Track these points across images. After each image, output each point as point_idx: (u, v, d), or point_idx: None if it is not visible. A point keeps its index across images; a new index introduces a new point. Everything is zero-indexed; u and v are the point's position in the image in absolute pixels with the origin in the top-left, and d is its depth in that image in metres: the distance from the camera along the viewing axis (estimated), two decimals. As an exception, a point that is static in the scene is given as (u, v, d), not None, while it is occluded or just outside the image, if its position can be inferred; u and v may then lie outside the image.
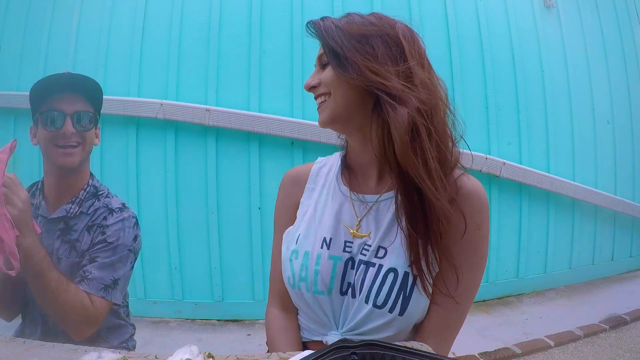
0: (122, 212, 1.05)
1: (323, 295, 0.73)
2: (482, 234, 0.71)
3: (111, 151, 2.49)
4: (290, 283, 0.76)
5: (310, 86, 0.73)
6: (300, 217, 0.80)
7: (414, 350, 0.52)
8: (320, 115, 0.73)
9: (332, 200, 0.78)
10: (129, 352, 0.69)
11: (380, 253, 0.71)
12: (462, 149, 0.74)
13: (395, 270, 0.69)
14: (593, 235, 3.16)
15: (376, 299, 0.69)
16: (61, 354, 0.68)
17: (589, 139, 3.12)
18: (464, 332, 0.77)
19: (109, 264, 1.00)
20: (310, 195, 0.82)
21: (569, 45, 3.08)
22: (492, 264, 2.78)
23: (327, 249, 0.74)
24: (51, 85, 0.99)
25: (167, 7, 2.56)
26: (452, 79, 2.71)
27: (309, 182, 0.83)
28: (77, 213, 1.03)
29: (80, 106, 1.01)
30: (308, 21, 0.75)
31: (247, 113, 2.44)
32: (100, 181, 1.12)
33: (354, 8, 2.96)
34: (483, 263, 0.73)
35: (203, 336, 2.31)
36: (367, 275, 0.70)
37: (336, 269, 0.73)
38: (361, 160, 0.77)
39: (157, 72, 2.52)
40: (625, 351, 2.12)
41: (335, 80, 0.70)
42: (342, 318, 0.74)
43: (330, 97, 0.71)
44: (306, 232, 0.77)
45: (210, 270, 2.50)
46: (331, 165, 0.84)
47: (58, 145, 0.99)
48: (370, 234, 0.73)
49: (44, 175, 1.06)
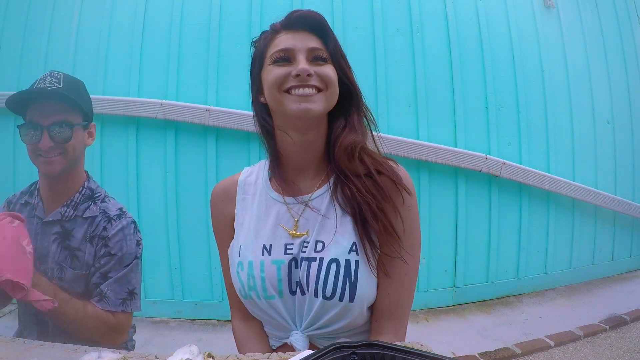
0: (120, 220, 1.04)
1: (274, 299, 0.75)
2: (412, 202, 0.77)
3: (111, 151, 2.49)
4: (242, 294, 0.77)
5: (308, 73, 0.71)
6: (238, 228, 0.81)
7: (414, 350, 0.52)
8: (314, 109, 0.71)
9: (266, 207, 0.79)
10: (128, 352, 0.68)
11: (319, 247, 0.74)
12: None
13: (337, 260, 0.71)
14: (593, 235, 3.16)
15: (324, 291, 0.71)
16: (61, 354, 0.68)
17: (589, 139, 3.12)
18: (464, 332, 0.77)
19: (122, 278, 1.01)
20: (243, 205, 0.82)
21: (569, 45, 3.08)
22: (492, 264, 2.78)
23: (269, 254, 0.76)
24: (26, 96, 0.96)
25: (167, 7, 2.56)
26: (452, 79, 2.72)
27: (239, 192, 0.83)
28: (73, 216, 1.03)
29: (58, 116, 0.96)
30: (310, 12, 0.75)
31: (247, 113, 2.43)
32: (97, 182, 1.11)
33: (353, 8, 2.96)
34: (418, 227, 0.78)
35: (203, 336, 2.31)
36: (311, 270, 0.73)
37: (281, 272, 0.74)
38: (299, 160, 0.78)
39: (157, 72, 2.52)
40: (625, 351, 2.12)
41: (334, 78, 0.74)
42: (298, 317, 0.75)
43: (327, 92, 0.73)
44: (246, 242, 0.78)
45: (210, 270, 2.50)
46: (257, 173, 0.84)
47: (39, 155, 0.97)
48: (308, 231, 0.75)
49: (38, 177, 1.06)
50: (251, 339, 0.82)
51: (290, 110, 0.71)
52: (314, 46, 0.74)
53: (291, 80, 0.71)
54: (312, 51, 0.73)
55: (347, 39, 2.56)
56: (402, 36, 2.66)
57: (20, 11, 2.68)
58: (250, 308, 0.79)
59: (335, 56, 0.75)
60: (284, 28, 0.75)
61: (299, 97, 0.71)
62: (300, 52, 0.73)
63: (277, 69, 0.72)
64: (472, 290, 2.74)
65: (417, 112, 2.64)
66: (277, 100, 0.72)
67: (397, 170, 0.77)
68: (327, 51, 0.75)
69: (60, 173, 1.00)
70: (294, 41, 0.73)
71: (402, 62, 2.65)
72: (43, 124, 0.95)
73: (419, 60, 2.66)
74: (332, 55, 0.75)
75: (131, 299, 1.03)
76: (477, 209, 2.74)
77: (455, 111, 2.71)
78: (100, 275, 1.01)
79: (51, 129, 0.95)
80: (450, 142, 2.67)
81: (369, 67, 2.58)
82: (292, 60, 0.73)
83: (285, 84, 0.72)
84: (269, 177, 0.82)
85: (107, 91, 2.51)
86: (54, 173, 0.99)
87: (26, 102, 0.97)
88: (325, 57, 0.74)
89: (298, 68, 0.70)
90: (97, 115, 2.42)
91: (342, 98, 0.77)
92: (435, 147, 2.59)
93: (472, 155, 2.65)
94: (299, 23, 0.74)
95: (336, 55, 0.75)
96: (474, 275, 2.74)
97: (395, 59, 2.64)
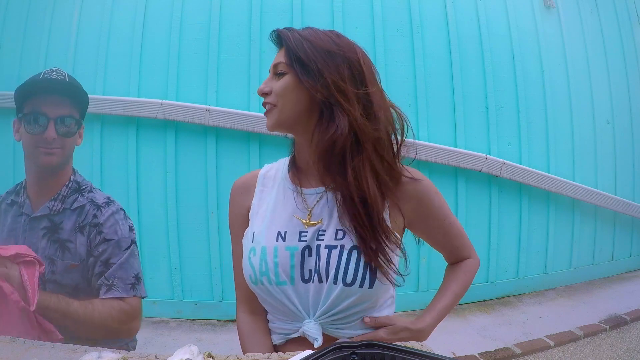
0: (109, 206, 1.04)
1: (286, 286, 0.76)
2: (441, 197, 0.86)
3: (111, 151, 2.49)
4: (253, 280, 0.78)
5: (263, 92, 0.78)
6: (253, 217, 0.84)
7: (414, 350, 0.52)
8: (268, 121, 0.79)
9: (283, 197, 0.83)
10: (128, 352, 0.69)
11: (339, 235, 0.76)
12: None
13: (358, 248, 0.74)
14: (593, 235, 3.16)
15: (345, 277, 0.73)
16: (61, 354, 0.68)
17: (589, 139, 3.12)
18: (464, 332, 0.78)
19: (125, 262, 1.01)
20: (261, 196, 0.86)
21: (569, 45, 3.08)
22: (492, 264, 2.78)
23: (283, 241, 0.78)
24: (37, 86, 0.98)
25: (167, 7, 2.56)
26: (452, 79, 2.72)
27: (258, 185, 0.87)
28: (61, 209, 1.02)
29: (64, 110, 0.99)
30: (273, 30, 0.79)
31: (247, 113, 2.44)
32: (83, 176, 1.11)
33: (354, 8, 2.95)
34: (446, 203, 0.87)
35: (203, 336, 2.31)
36: (331, 257, 0.74)
37: (294, 258, 0.76)
38: (307, 157, 0.81)
39: (157, 72, 2.52)
40: (625, 351, 2.12)
41: (287, 89, 0.75)
42: (313, 305, 0.76)
43: (277, 107, 0.77)
44: (260, 229, 0.81)
45: (210, 270, 2.50)
46: (277, 168, 0.89)
47: (39, 146, 0.98)
48: (322, 220, 0.78)
49: (25, 173, 1.06)
50: (256, 334, 0.82)
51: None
52: (277, 62, 0.78)
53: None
54: (275, 67, 0.78)
55: (347, 39, 2.56)
56: (402, 36, 2.67)
57: (20, 11, 2.68)
58: (260, 295, 0.80)
59: (291, 65, 0.75)
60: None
61: (265, 113, 0.79)
62: (271, 69, 0.79)
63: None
64: (472, 290, 2.70)
65: (417, 112, 2.64)
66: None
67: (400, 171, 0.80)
68: (285, 63, 0.76)
69: (57, 166, 1.01)
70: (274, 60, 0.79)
71: (402, 62, 2.65)
72: (50, 115, 0.97)
73: (419, 60, 2.66)
74: (290, 65, 0.75)
75: (138, 284, 1.02)
76: (477, 209, 2.74)
77: (455, 111, 2.71)
78: (101, 264, 1.00)
79: (58, 121, 0.98)
80: (450, 142, 2.68)
81: (369, 67, 2.58)
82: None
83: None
84: (288, 170, 0.86)
85: (107, 91, 2.51)
86: (53, 165, 1.00)
87: (38, 91, 0.98)
88: (283, 70, 0.77)
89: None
90: (97, 115, 2.45)
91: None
92: (435, 147, 2.59)
93: (472, 155, 2.65)
94: (274, 42, 0.81)
95: (292, 64, 0.75)
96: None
97: (395, 59, 2.64)
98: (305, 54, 0.73)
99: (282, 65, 0.76)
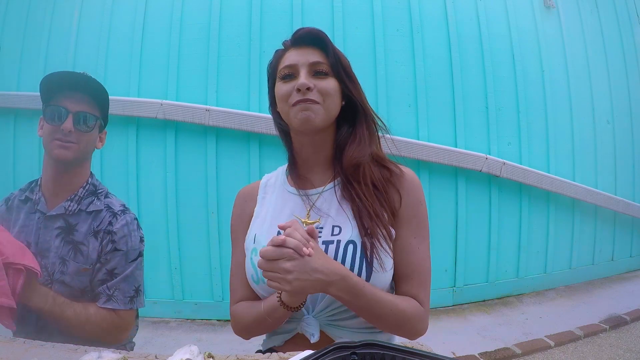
0: (124, 215, 1.06)
1: None
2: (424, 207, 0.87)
3: (111, 151, 2.49)
4: (255, 279, 0.81)
5: (307, 87, 0.78)
6: (255, 221, 0.88)
7: (414, 350, 0.52)
8: (313, 119, 0.79)
9: (283, 200, 0.87)
10: (128, 352, 0.69)
11: (336, 231, 0.79)
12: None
13: (354, 242, 0.76)
14: (593, 235, 3.16)
15: None
16: (61, 354, 0.68)
17: (589, 139, 3.12)
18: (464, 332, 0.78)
19: (129, 275, 1.02)
20: (263, 203, 0.90)
21: (569, 45, 3.08)
22: (492, 264, 2.78)
23: None
24: (63, 81, 1.02)
25: (167, 7, 2.56)
26: (452, 79, 2.72)
27: (260, 193, 0.92)
28: (76, 211, 1.03)
29: (85, 107, 1.02)
30: (305, 28, 0.82)
31: (247, 113, 2.44)
32: (100, 181, 1.12)
33: (354, 8, 2.96)
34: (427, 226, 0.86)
35: (203, 336, 2.31)
36: (328, 252, 0.76)
37: None
38: (311, 159, 0.86)
39: (157, 72, 2.53)
40: (625, 351, 2.12)
41: (334, 91, 0.81)
42: (312, 300, 0.78)
43: (325, 105, 0.79)
44: (261, 230, 0.84)
45: (210, 271, 2.50)
46: (276, 176, 0.94)
47: (56, 139, 0.99)
48: (320, 218, 0.80)
49: (43, 169, 1.06)
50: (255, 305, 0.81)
51: (294, 121, 0.80)
52: (315, 60, 0.80)
53: (295, 95, 0.79)
54: (314, 65, 0.80)
55: (347, 39, 2.56)
56: (402, 36, 2.67)
57: (20, 11, 2.68)
58: (262, 295, 0.81)
59: (335, 69, 0.81)
60: (292, 45, 0.84)
61: (301, 109, 0.79)
62: (303, 66, 0.80)
63: (284, 86, 0.81)
64: (472, 290, 2.74)
65: (417, 112, 2.64)
66: (285, 113, 0.82)
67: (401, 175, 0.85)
68: (328, 64, 0.81)
69: (71, 162, 1.02)
70: (297, 57, 0.81)
71: (402, 62, 2.65)
72: (70, 109, 1.00)
73: (419, 60, 2.67)
74: (333, 68, 0.81)
75: (137, 296, 1.04)
76: (477, 209, 2.74)
77: (455, 111, 2.71)
78: (106, 272, 1.01)
79: (76, 115, 1.01)
80: (450, 142, 2.68)
81: (369, 67, 2.58)
82: (296, 76, 0.81)
83: (292, 98, 0.80)
84: (286, 175, 0.90)
85: (107, 91, 2.51)
86: (66, 158, 1.00)
87: (63, 85, 1.01)
88: (325, 71, 0.80)
89: (298, 82, 0.78)
90: (97, 115, 2.44)
91: (348, 107, 0.84)
92: (435, 147, 2.59)
93: (472, 155, 2.65)
94: (302, 39, 0.82)
95: (337, 68, 0.81)
96: (474, 275, 2.74)
97: (395, 59, 2.64)
98: (346, 62, 0.83)
99: (325, 66, 0.80)
